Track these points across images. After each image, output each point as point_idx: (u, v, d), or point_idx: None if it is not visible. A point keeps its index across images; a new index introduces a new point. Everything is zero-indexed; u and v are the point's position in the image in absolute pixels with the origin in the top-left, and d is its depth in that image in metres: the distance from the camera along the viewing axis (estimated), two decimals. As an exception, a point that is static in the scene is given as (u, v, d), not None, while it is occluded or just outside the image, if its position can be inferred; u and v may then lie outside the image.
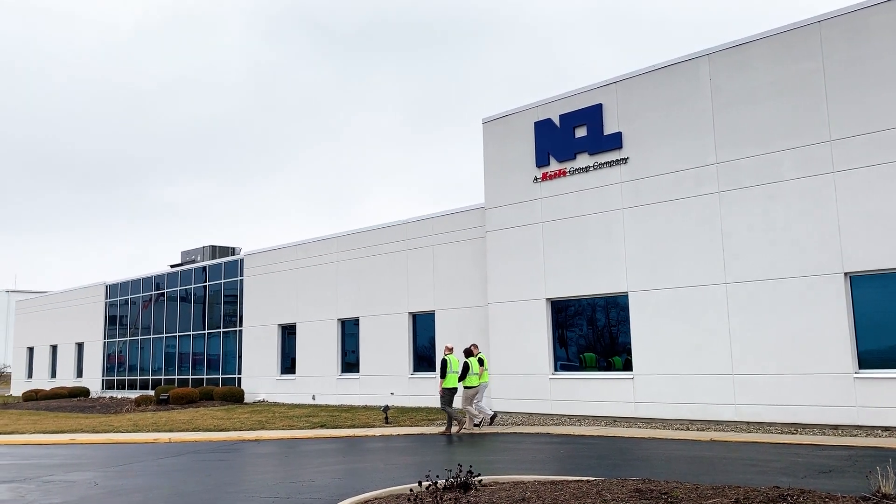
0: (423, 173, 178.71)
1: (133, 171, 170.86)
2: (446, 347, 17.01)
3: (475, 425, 16.47)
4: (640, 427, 15.76)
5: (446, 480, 7.60)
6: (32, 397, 34.80)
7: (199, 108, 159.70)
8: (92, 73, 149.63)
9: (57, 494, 10.27)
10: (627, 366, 17.08)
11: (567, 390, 17.85)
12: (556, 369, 18.33)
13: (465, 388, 16.35)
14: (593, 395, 17.37)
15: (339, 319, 25.51)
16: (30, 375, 43.95)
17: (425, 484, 7.31)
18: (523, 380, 18.65)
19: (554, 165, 18.57)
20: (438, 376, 16.55)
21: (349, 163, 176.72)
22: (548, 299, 18.46)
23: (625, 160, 17.32)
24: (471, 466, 8.11)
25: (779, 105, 15.12)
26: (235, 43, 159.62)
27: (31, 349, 44.54)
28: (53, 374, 41.80)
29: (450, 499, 7.16)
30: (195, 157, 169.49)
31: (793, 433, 13.87)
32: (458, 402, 16.70)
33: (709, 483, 7.99)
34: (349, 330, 25.53)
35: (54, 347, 42.33)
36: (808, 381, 14.24)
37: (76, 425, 20.97)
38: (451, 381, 16.28)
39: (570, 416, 17.56)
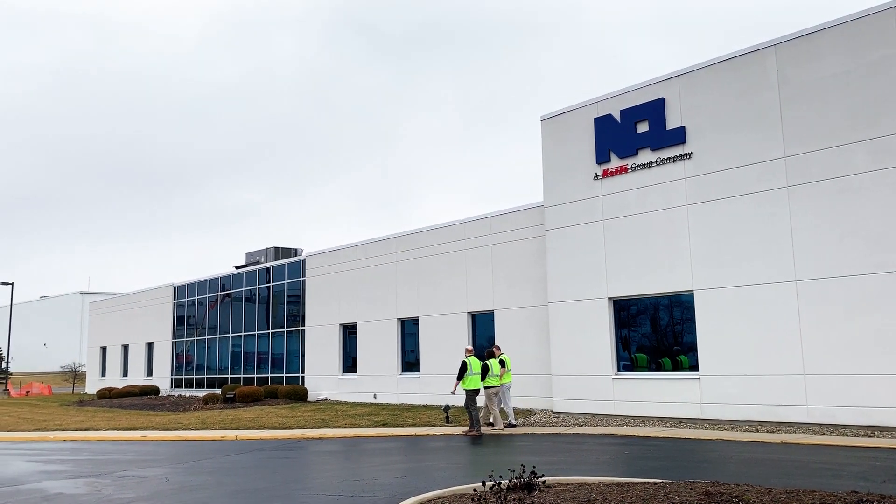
0: (477, 174, 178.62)
1: (197, 176, 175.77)
2: (467, 349, 17.36)
3: (489, 424, 16.78)
4: (706, 428, 15.39)
5: (510, 481, 7.55)
6: (106, 395, 36.08)
7: (258, 114, 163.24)
8: (156, 83, 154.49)
9: (131, 489, 10.62)
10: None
11: (630, 391, 17.56)
12: (618, 369, 18.05)
13: (486, 388, 16.62)
14: (657, 395, 17.04)
15: (398, 319, 25.68)
16: (103, 374, 45.59)
17: (489, 484, 7.27)
18: (585, 380, 18.43)
19: (615, 162, 18.29)
20: (456, 378, 16.76)
21: (404, 164, 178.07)
22: (610, 298, 18.19)
23: (688, 155, 16.93)
24: (534, 467, 8.04)
25: (851, 95, 14.56)
26: (291, 49, 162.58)
27: (103, 349, 46.21)
28: (125, 373, 43.27)
29: (514, 499, 7.11)
30: (256, 161, 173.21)
31: (869, 436, 13.33)
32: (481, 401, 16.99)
33: (781, 487, 7.73)
34: (408, 329, 25.67)
35: (126, 347, 43.82)
36: (886, 382, 13.66)
37: (147, 422, 21.65)
38: (472, 382, 16.51)
39: (633, 417, 17.27)
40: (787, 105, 15.43)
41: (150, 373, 41.03)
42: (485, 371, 16.56)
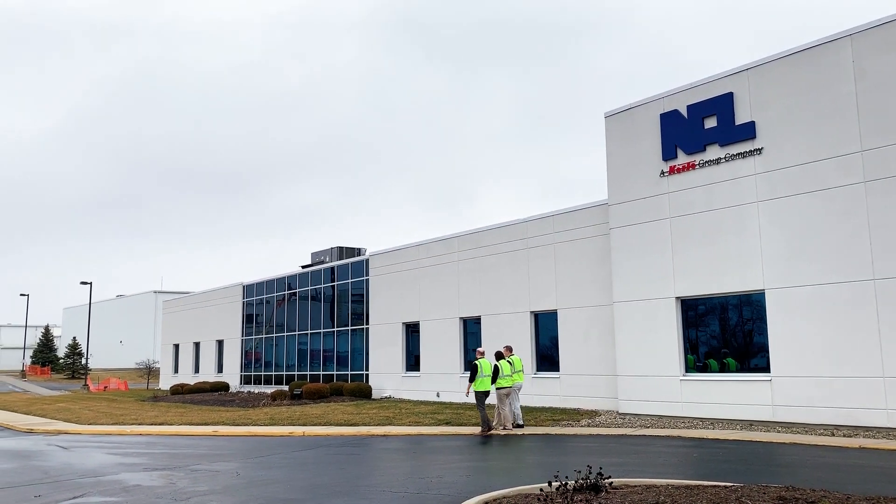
0: (537, 173, 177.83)
1: (263, 178, 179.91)
2: (478, 352, 17.49)
3: (502, 426, 16.81)
4: (779, 431, 14.92)
5: (576, 482, 7.49)
6: (178, 391, 37.26)
7: (321, 117, 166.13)
8: (225, 90, 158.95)
9: (203, 483, 10.95)
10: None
11: (699, 392, 17.17)
12: (686, 370, 17.67)
13: (497, 389, 16.82)
14: (727, 397, 16.61)
15: (460, 318, 25.74)
16: (176, 371, 47.12)
17: (555, 484, 7.23)
18: (651, 381, 18.11)
19: (682, 158, 17.91)
20: (468, 380, 17.00)
21: (464, 164, 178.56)
22: (677, 298, 17.82)
23: (758, 151, 16.45)
24: (601, 468, 7.96)
25: (934, 85, 13.88)
26: (352, 54, 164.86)
27: (176, 346, 47.75)
28: (197, 370, 44.62)
29: (580, 500, 7.05)
30: (320, 163, 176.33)
31: (956, 442, 12.71)
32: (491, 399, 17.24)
33: (860, 493, 7.45)
34: (470, 329, 25.70)
35: (197, 344, 45.17)
36: (972, 386, 12.99)
37: (218, 418, 22.28)
38: (483, 384, 16.77)
39: (702, 419, 16.88)
40: (864, 97, 14.83)
41: (220, 369, 42.20)
42: (496, 373, 16.84)
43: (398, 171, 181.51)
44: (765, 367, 16.19)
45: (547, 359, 22.60)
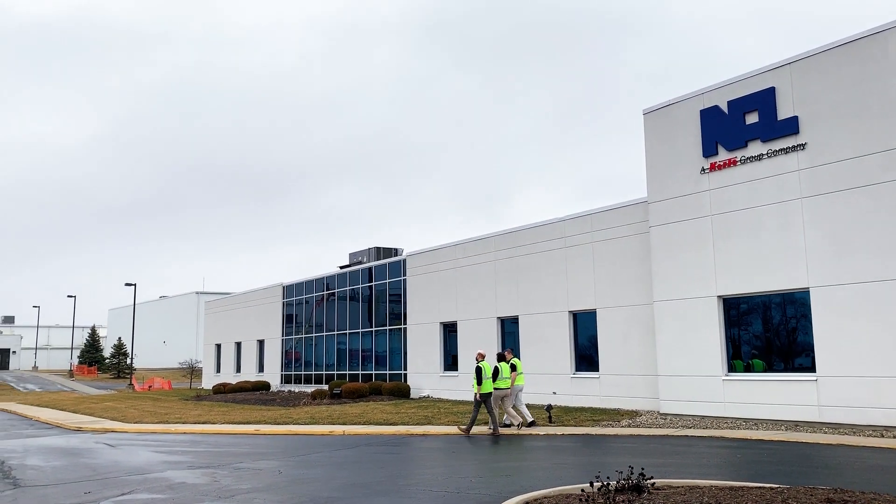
0: (570, 173, 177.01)
1: (301, 181, 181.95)
2: (479, 354, 17.60)
3: (506, 425, 17.27)
4: (825, 432, 14.61)
5: (617, 482, 7.43)
6: (221, 390, 37.85)
7: (358, 120, 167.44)
8: (263, 96, 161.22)
9: (247, 481, 11.12)
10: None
11: (742, 392, 16.88)
12: (728, 370, 17.39)
13: (496, 389, 17.13)
14: (771, 397, 16.31)
15: (498, 318, 25.69)
16: (218, 370, 47.87)
17: (597, 485, 7.19)
18: (693, 381, 17.86)
19: (723, 155, 17.63)
20: (475, 383, 17.14)
21: (497, 166, 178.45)
22: (719, 297, 17.55)
23: (802, 146, 16.12)
24: (642, 468, 7.88)
25: None
26: (387, 57, 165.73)
27: (218, 346, 48.51)
28: (238, 369, 45.28)
29: (622, 501, 6.99)
30: (357, 165, 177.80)
31: None
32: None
33: (913, 497, 7.25)
34: (508, 328, 25.63)
35: (238, 344, 45.84)
36: None
37: (260, 417, 22.58)
38: (486, 386, 17.00)
39: (745, 420, 16.60)
40: (913, 89, 14.42)
41: (261, 369, 42.76)
42: (495, 374, 17.19)
43: (434, 173, 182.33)
44: (810, 367, 15.86)
45: (585, 359, 22.44)
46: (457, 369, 27.39)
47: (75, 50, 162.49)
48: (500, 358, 17.79)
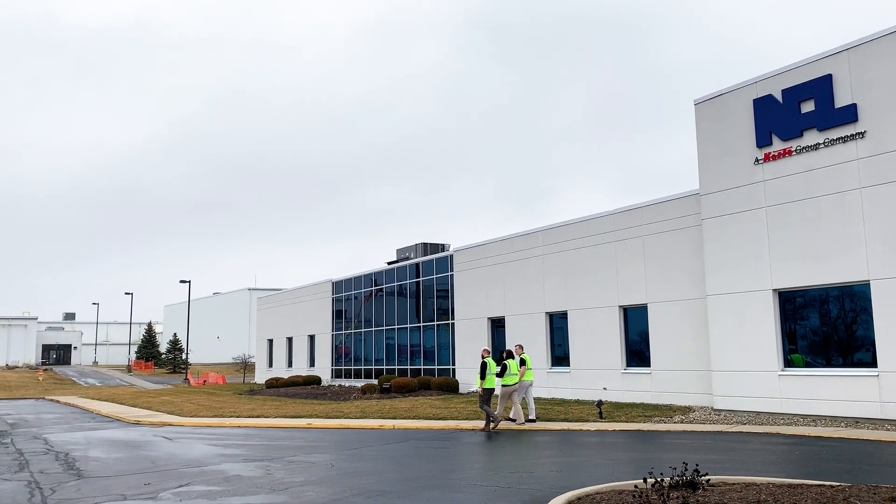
0: (615, 166, 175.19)
1: (349, 179, 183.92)
2: (484, 351, 18.04)
3: (511, 419, 17.53)
4: (887, 429, 14.14)
5: (671, 478, 7.32)
6: (273, 385, 38.51)
7: (403, 118, 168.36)
8: (310, 96, 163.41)
9: (300, 474, 11.29)
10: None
11: (799, 388, 16.46)
12: (785, 365, 16.98)
13: (503, 385, 17.35)
14: (830, 393, 15.86)
15: (546, 313, 25.53)
16: (270, 365, 48.71)
17: (650, 481, 7.09)
18: (747, 377, 17.48)
19: (777, 145, 17.19)
20: (479, 378, 17.42)
21: (541, 161, 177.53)
22: (774, 290, 17.13)
23: (861, 134, 15.61)
24: (697, 465, 7.75)
25: None
26: (429, 55, 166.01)
27: (270, 341, 49.35)
28: (290, 364, 46.00)
29: (676, 497, 6.89)
30: (403, 162, 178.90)
31: None
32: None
33: (984, 497, 6.97)
34: (557, 323, 25.46)
35: (290, 339, 46.56)
36: None
37: (311, 411, 22.91)
38: (490, 381, 17.20)
39: (802, 416, 16.18)
40: (981, 73, 13.83)
41: (312, 363, 43.36)
42: (503, 370, 17.37)
43: (477, 169, 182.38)
44: (870, 363, 15.38)
45: (636, 354, 22.15)
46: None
47: (131, 55, 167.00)
48: (509, 355, 17.96)
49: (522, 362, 17.95)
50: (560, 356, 25.08)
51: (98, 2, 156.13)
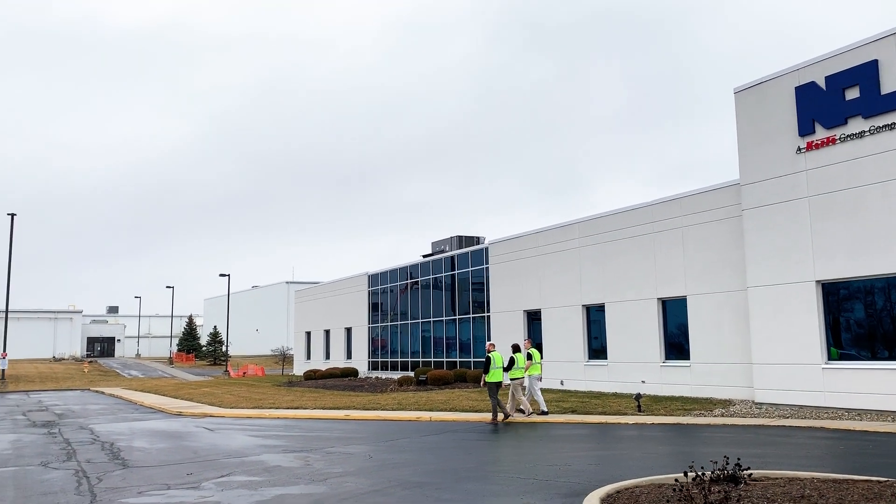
0: (651, 158, 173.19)
1: (383, 173, 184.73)
2: (490, 345, 18.19)
3: (520, 411, 17.73)
4: (937, 425, 13.77)
5: (712, 472, 7.22)
6: (311, 376, 38.93)
7: (435, 112, 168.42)
8: (343, 92, 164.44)
9: (338, 465, 11.40)
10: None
11: (843, 381, 16.10)
12: (829, 358, 16.62)
13: (512, 379, 17.64)
14: (876, 386, 15.49)
15: (583, 305, 25.35)
16: (308, 357, 49.25)
17: (691, 475, 7.01)
18: (790, 370, 17.16)
19: (820, 133, 16.79)
20: (483, 372, 17.64)
21: (575, 153, 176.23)
22: (817, 281, 16.76)
23: (909, 121, 15.15)
24: (738, 459, 7.64)
25: None
26: (461, 49, 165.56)
27: (308, 333, 49.87)
28: (327, 356, 46.46)
29: (718, 491, 6.79)
30: (436, 156, 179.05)
31: None
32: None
33: None
34: (594, 316, 25.27)
35: (327, 332, 47.00)
36: None
37: (349, 402, 23.10)
38: (495, 375, 17.36)
39: (847, 410, 15.83)
40: None
41: (349, 356, 43.74)
42: (511, 364, 17.61)
43: (512, 162, 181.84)
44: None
45: (675, 347, 21.89)
46: (541, 357, 27.18)
47: (170, 55, 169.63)
48: (516, 349, 18.11)
49: (529, 356, 18.13)
50: (597, 349, 24.91)
51: (135, 4, 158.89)
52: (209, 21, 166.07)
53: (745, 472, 7.33)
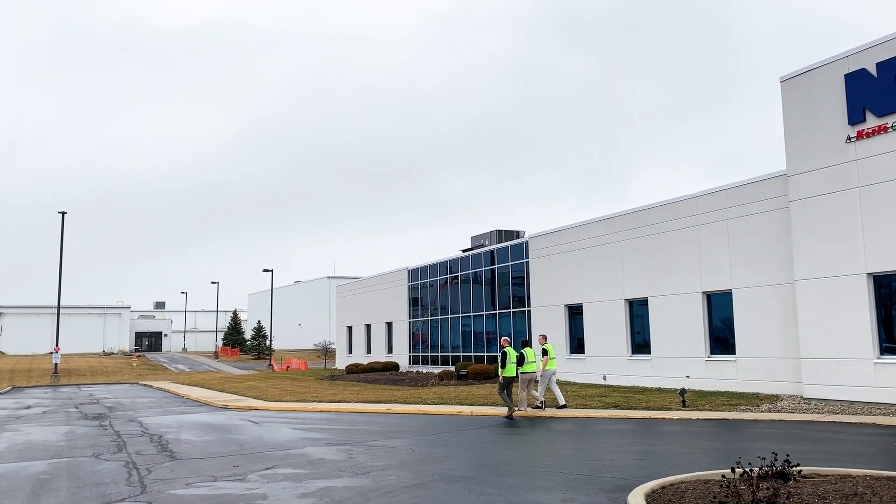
0: (692, 150, 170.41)
1: (423, 167, 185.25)
2: (504, 340, 18.33)
3: (537, 407, 17.86)
4: None
5: (760, 468, 7.09)
6: (353, 370, 39.28)
7: (472, 107, 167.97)
8: (382, 87, 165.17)
9: (381, 458, 11.48)
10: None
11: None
12: (881, 353, 16.17)
13: (522, 373, 17.67)
14: (931, 382, 15.01)
15: (625, 300, 25.07)
16: (350, 351, 49.69)
17: (738, 471, 6.88)
18: (840, 364, 16.74)
19: (871, 121, 16.30)
20: (499, 367, 17.73)
21: (617, 145, 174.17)
22: (869, 274, 16.30)
23: (966, 107, 14.62)
24: (787, 455, 7.48)
25: None
26: (499, 44, 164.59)
27: (349, 328, 50.31)
28: (368, 350, 46.81)
29: (766, 488, 6.66)
30: (475, 150, 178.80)
31: None
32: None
33: None
34: (636, 310, 24.97)
35: (368, 326, 47.35)
36: None
37: (390, 396, 23.24)
38: (509, 370, 17.48)
39: (900, 406, 15.39)
40: None
41: (390, 350, 44.00)
42: (521, 360, 17.67)
43: (551, 156, 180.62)
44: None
45: (720, 341, 21.52)
46: (583, 352, 27.03)
47: (212, 54, 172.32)
48: (525, 344, 18.39)
49: (545, 352, 18.35)
50: (640, 343, 24.62)
51: (179, 6, 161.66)
52: (251, 20, 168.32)
53: (794, 468, 7.17)
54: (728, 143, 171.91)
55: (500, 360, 17.75)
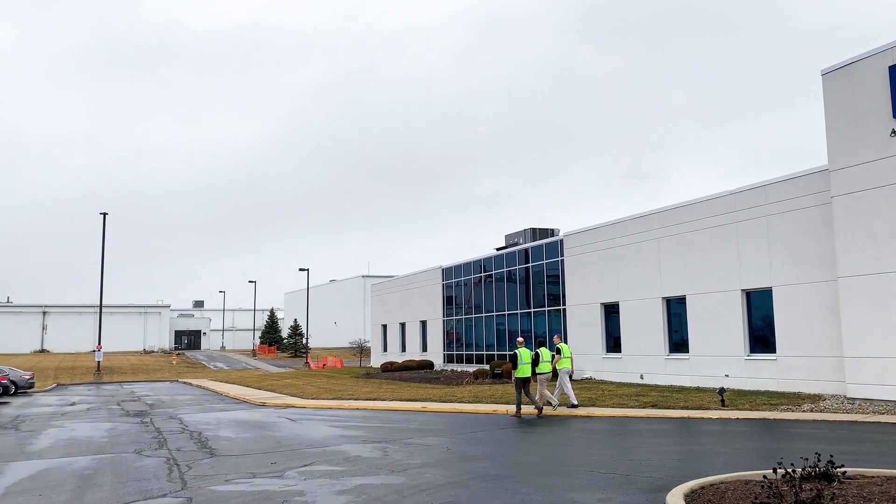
0: (728, 146, 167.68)
1: (456, 167, 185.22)
2: (518, 341, 18.45)
3: (550, 405, 17.70)
4: None
5: (803, 469, 6.94)
6: (388, 368, 39.46)
7: (506, 106, 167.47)
8: (418, 88, 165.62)
9: (417, 456, 11.51)
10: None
11: (944, 376, 15.22)
12: (928, 351, 15.73)
13: (538, 374, 17.63)
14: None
15: (663, 298, 24.78)
16: (384, 349, 49.93)
17: (780, 471, 6.75)
18: (885, 363, 16.33)
19: (917, 114, 15.87)
20: (512, 367, 17.78)
21: (651, 143, 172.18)
22: (914, 271, 15.89)
23: None
24: (831, 456, 7.32)
25: None
26: (533, 44, 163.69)
27: (384, 326, 50.56)
28: (403, 349, 46.98)
29: (810, 489, 6.51)
30: (509, 149, 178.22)
31: None
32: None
33: None
34: (674, 309, 24.66)
35: (403, 325, 47.52)
36: None
37: (425, 394, 23.30)
38: (523, 371, 17.41)
39: (949, 407, 14.96)
40: None
41: (424, 348, 44.10)
42: (536, 360, 17.68)
43: (586, 154, 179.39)
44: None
45: (760, 340, 21.15)
46: (620, 351, 26.78)
47: (247, 56, 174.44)
48: (541, 344, 18.50)
49: (559, 351, 18.50)
50: (678, 342, 24.32)
51: (214, 9, 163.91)
52: (285, 22, 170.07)
53: (838, 469, 7.02)
54: (766, 139, 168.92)
55: (512, 360, 17.82)
